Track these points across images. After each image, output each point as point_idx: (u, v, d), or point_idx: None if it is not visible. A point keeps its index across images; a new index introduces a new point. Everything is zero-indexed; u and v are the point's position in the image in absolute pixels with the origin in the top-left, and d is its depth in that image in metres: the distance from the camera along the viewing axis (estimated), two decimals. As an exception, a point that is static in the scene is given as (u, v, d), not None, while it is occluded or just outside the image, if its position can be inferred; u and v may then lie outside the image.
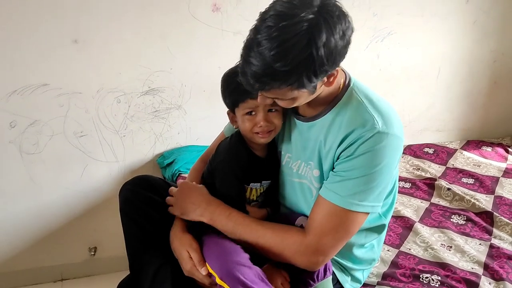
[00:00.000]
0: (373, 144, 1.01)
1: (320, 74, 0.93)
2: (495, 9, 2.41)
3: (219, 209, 1.15)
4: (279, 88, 0.94)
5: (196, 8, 1.93)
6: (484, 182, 2.10)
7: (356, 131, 1.03)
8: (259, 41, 0.91)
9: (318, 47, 0.89)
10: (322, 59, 0.90)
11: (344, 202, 1.04)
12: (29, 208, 2.00)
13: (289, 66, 0.89)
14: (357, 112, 1.05)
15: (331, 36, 0.90)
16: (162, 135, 2.07)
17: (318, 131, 1.12)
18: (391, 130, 1.03)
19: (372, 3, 2.19)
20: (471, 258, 1.54)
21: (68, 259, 2.13)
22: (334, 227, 1.06)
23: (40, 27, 1.76)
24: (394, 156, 1.05)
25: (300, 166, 1.19)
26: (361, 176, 1.03)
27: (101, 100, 1.92)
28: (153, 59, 1.95)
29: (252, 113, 1.14)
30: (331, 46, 0.90)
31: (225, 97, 1.19)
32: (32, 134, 1.88)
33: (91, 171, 2.02)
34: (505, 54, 2.53)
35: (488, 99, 2.62)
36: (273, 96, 1.00)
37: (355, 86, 1.10)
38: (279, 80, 0.92)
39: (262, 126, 1.13)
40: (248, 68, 0.94)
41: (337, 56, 0.94)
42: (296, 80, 0.92)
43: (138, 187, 1.26)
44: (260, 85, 0.95)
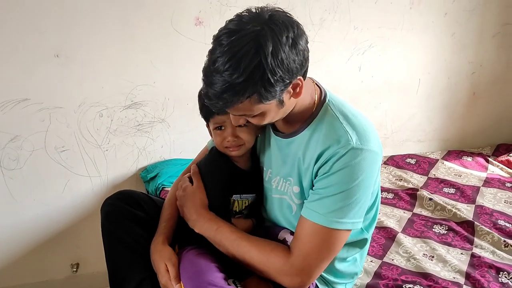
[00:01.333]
0: (348, 160, 1.02)
1: (277, 83, 0.93)
2: (472, 21, 2.47)
3: (208, 224, 1.15)
4: (241, 102, 0.95)
5: (179, 22, 1.94)
6: (465, 191, 2.13)
7: (331, 148, 1.04)
8: (214, 60, 0.93)
9: (266, 55, 0.90)
10: (273, 67, 0.91)
11: (324, 220, 1.04)
12: (9, 224, 1.96)
13: (242, 77, 0.91)
14: (331, 128, 1.06)
15: (277, 44, 0.91)
16: (145, 149, 2.07)
17: (297, 148, 1.13)
18: (366, 146, 1.04)
19: (352, 17, 2.23)
20: (453, 268, 1.55)
21: (50, 275, 2.10)
22: (316, 246, 1.06)
23: (22, 42, 1.75)
24: (370, 171, 1.06)
25: (279, 183, 1.20)
26: (339, 193, 1.03)
27: (83, 115, 1.91)
28: (136, 73, 1.95)
29: (222, 127, 1.16)
30: (279, 54, 0.91)
31: (200, 111, 1.22)
32: (13, 149, 1.85)
33: (73, 186, 2.00)
34: (483, 66, 2.59)
35: (467, 110, 2.67)
36: (241, 113, 1.01)
37: (331, 102, 1.11)
38: (238, 94, 0.93)
39: (230, 141, 1.15)
40: (209, 88, 0.95)
41: (290, 63, 0.94)
42: (254, 92, 0.93)
43: (120, 202, 1.25)
44: (223, 103, 0.95)
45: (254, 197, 1.26)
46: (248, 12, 0.97)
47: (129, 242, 1.19)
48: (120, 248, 1.20)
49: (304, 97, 1.07)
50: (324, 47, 2.22)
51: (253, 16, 0.95)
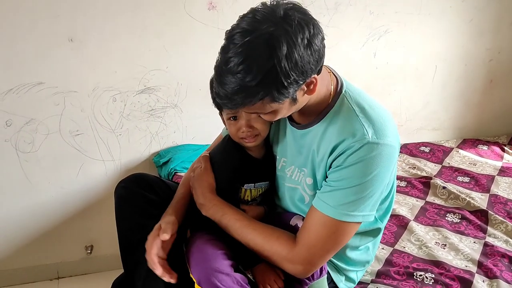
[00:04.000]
0: (362, 154, 1.00)
1: (290, 85, 0.92)
2: (491, 7, 2.41)
3: (214, 209, 1.16)
4: (253, 104, 0.94)
5: (192, 7, 1.93)
6: (479, 180, 2.11)
7: (346, 141, 1.02)
8: (227, 60, 0.92)
9: (280, 59, 0.88)
10: (287, 71, 0.89)
11: (334, 212, 1.03)
12: (25, 206, 2.00)
13: (255, 80, 0.89)
14: (347, 121, 1.05)
15: (292, 47, 0.89)
16: (158, 134, 2.08)
17: (311, 140, 1.12)
18: (382, 140, 1.02)
19: (368, 1, 2.19)
20: (465, 256, 1.54)
21: (65, 257, 2.14)
22: (323, 237, 1.06)
23: (36, 26, 1.76)
24: (386, 165, 1.04)
25: (293, 172, 1.19)
26: (351, 187, 1.02)
27: (97, 99, 1.92)
28: (149, 58, 1.95)
29: (236, 117, 1.14)
30: (294, 57, 0.90)
31: (212, 101, 1.19)
32: (28, 133, 1.88)
33: (87, 170, 2.02)
34: (501, 53, 2.54)
35: (484, 98, 2.62)
36: (252, 111, 1.01)
37: (347, 93, 1.09)
38: (250, 96, 0.92)
39: (244, 131, 1.13)
40: (220, 89, 0.94)
41: (305, 65, 0.92)
42: (267, 94, 0.92)
43: (133, 185, 1.26)
44: (234, 104, 0.95)
45: (268, 184, 1.26)
46: (263, 7, 0.94)
47: (142, 224, 1.21)
48: (133, 231, 1.22)
49: (319, 89, 1.05)
50: (339, 32, 2.19)
51: (267, 12, 0.92)
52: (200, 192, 1.19)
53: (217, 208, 1.15)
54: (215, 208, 1.16)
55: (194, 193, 1.21)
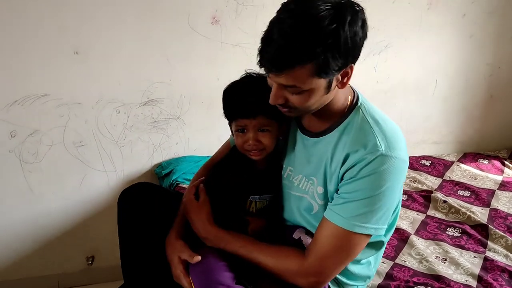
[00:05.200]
0: (375, 166, 1.01)
1: (341, 57, 0.93)
2: (491, 23, 2.44)
3: (217, 240, 1.15)
4: (301, 66, 0.92)
5: (196, 21, 1.96)
6: (480, 194, 2.11)
7: (359, 152, 1.03)
8: (283, 19, 0.92)
9: (345, 24, 0.90)
10: (347, 39, 0.90)
11: (347, 224, 1.03)
12: (27, 216, 2.01)
13: (315, 37, 0.89)
14: (361, 132, 1.06)
15: (355, 18, 0.92)
16: (160, 146, 2.09)
17: (324, 148, 1.12)
18: (394, 153, 1.03)
19: (369, 16, 2.20)
20: (466, 271, 1.55)
21: (66, 268, 2.14)
22: (336, 249, 1.06)
23: (41, 38, 1.79)
24: (397, 179, 1.04)
25: (301, 181, 1.19)
26: (364, 198, 1.02)
27: (100, 111, 1.94)
28: (153, 71, 1.97)
29: (244, 130, 1.15)
30: (355, 28, 0.92)
31: (223, 111, 1.21)
32: (32, 143, 1.89)
33: (90, 180, 2.04)
34: (501, 68, 2.56)
35: (484, 112, 2.64)
36: (291, 83, 0.96)
37: (362, 106, 1.10)
38: (303, 55, 0.91)
39: (251, 145, 1.14)
40: (270, 47, 0.93)
41: (357, 44, 0.95)
42: (323, 54, 0.91)
43: (137, 195, 1.26)
44: (282, 64, 0.93)
45: (271, 197, 1.26)
46: None
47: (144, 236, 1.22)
48: (135, 241, 1.23)
49: (340, 96, 1.07)
50: (340, 47, 2.21)
51: None
52: (201, 226, 1.18)
53: (219, 240, 1.15)
54: (218, 240, 1.15)
55: (192, 225, 1.20)
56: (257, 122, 1.12)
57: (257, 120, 1.12)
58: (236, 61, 2.05)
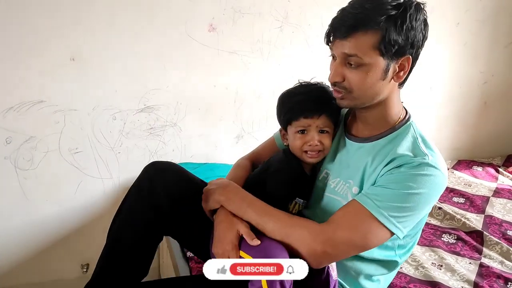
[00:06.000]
0: (419, 170, 1.03)
1: (401, 37, 1.00)
2: (485, 31, 2.47)
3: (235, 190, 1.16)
4: (366, 31, 1.00)
5: (193, 28, 1.97)
6: (474, 201, 2.13)
7: (406, 156, 1.06)
8: None
9: (411, 5, 1.00)
10: (411, 17, 1.00)
11: (374, 208, 1.02)
12: (22, 223, 1.99)
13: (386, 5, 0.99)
14: (410, 145, 1.09)
15: (419, 9, 1.02)
16: (156, 152, 2.09)
17: (366, 153, 1.14)
18: (438, 166, 1.05)
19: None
20: (461, 277, 1.55)
21: (61, 275, 2.13)
22: (354, 226, 1.03)
23: (38, 45, 1.79)
24: (435, 191, 1.05)
25: (338, 184, 1.19)
26: (398, 191, 1.02)
27: (96, 117, 1.94)
28: (149, 77, 1.98)
29: (304, 131, 1.18)
30: (418, 15, 1.01)
31: (280, 115, 1.23)
32: (28, 150, 1.89)
33: (85, 187, 2.03)
34: (495, 76, 2.59)
35: (478, 120, 2.66)
36: (355, 51, 1.02)
37: (414, 124, 1.14)
38: (373, 19, 0.99)
39: (312, 145, 1.16)
40: (341, 14, 1.03)
41: (418, 29, 1.02)
42: (386, 24, 0.99)
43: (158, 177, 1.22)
44: (349, 28, 1.00)
45: (306, 203, 1.26)
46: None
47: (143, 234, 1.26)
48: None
49: (394, 104, 1.12)
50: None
51: None
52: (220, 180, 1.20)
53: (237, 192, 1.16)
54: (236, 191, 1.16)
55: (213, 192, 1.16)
56: (320, 121, 1.16)
57: (320, 120, 1.16)
58: (233, 68, 2.06)
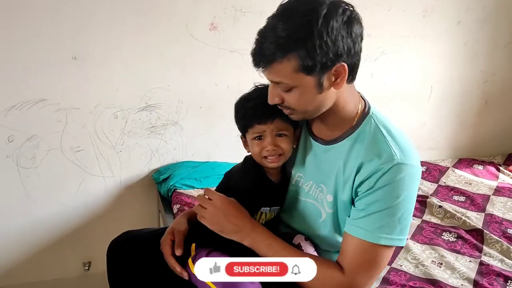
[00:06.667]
0: (392, 176, 1.00)
1: (320, 51, 0.93)
2: (485, 30, 2.47)
3: (261, 237, 1.11)
4: (281, 60, 0.95)
5: (194, 27, 1.97)
6: (475, 200, 2.13)
7: (374, 162, 1.02)
8: (272, 15, 0.98)
9: (318, 17, 0.91)
10: (321, 31, 0.91)
11: (371, 236, 1.02)
12: (24, 222, 2.01)
13: (288, 31, 0.93)
14: (374, 141, 1.05)
15: (332, 13, 0.93)
16: (158, 151, 2.10)
17: (335, 157, 1.11)
18: (409, 161, 1.02)
19: (365, 23, 2.22)
20: (461, 275, 1.56)
21: (62, 273, 2.14)
22: (365, 263, 1.04)
23: (40, 43, 1.79)
24: (414, 186, 1.04)
25: (311, 187, 1.18)
26: (384, 209, 1.01)
27: (98, 116, 1.95)
28: (151, 76, 1.98)
29: (261, 137, 1.15)
30: (331, 22, 0.92)
31: (236, 122, 1.21)
32: (29, 148, 1.90)
33: (87, 186, 2.04)
34: (496, 75, 2.59)
35: (479, 118, 2.67)
36: (278, 79, 1.00)
37: (374, 115, 1.10)
38: (280, 49, 0.94)
39: (269, 150, 1.14)
40: (258, 46, 0.99)
41: (338, 38, 0.93)
42: (296, 50, 0.93)
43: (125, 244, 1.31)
44: (265, 58, 0.97)
45: (279, 210, 1.25)
46: None
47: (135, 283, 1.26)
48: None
49: (347, 101, 1.07)
50: (337, 53, 2.24)
51: None
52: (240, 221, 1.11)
53: (265, 236, 1.11)
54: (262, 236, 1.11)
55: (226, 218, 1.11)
56: (274, 126, 1.13)
57: (274, 124, 1.13)
58: (234, 67, 2.06)
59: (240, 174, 1.22)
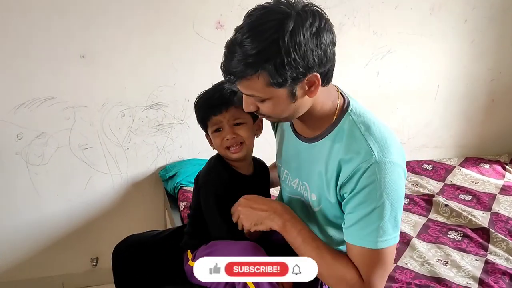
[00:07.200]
0: (371, 174, 0.99)
1: (289, 67, 0.92)
2: (492, 28, 2.46)
3: (293, 221, 1.10)
4: (250, 76, 0.94)
5: (200, 26, 1.98)
6: (481, 199, 2.13)
7: (353, 161, 1.01)
8: (237, 31, 0.95)
9: (285, 34, 0.90)
10: (289, 47, 0.90)
11: (368, 242, 1.02)
12: (32, 218, 2.03)
13: (256, 49, 0.91)
14: (352, 139, 1.04)
15: (299, 27, 0.91)
16: (164, 149, 2.12)
17: (317, 156, 1.11)
18: (388, 157, 1.00)
19: (372, 22, 2.24)
20: (467, 274, 1.56)
21: (70, 269, 2.16)
22: (374, 266, 1.04)
23: (48, 42, 1.81)
24: (398, 183, 1.02)
25: (298, 184, 1.19)
26: (372, 211, 1.00)
27: (106, 114, 1.97)
28: (158, 75, 2.00)
29: (220, 129, 1.18)
30: (298, 37, 0.90)
31: (197, 119, 1.24)
32: (38, 146, 1.92)
33: (95, 183, 2.06)
34: (503, 73, 2.58)
35: (485, 117, 2.66)
36: (250, 92, 0.99)
37: (353, 112, 1.08)
38: (249, 67, 0.93)
39: (229, 139, 1.16)
40: (226, 61, 0.97)
41: (308, 51, 0.92)
42: (264, 68, 0.92)
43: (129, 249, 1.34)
44: (235, 75, 0.96)
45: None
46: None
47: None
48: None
49: (324, 102, 1.06)
50: (343, 51, 2.22)
51: (289, 1, 0.95)
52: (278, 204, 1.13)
53: (296, 220, 1.11)
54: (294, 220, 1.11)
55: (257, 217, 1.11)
56: (229, 115, 1.15)
57: (229, 113, 1.15)
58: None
59: (206, 173, 1.23)
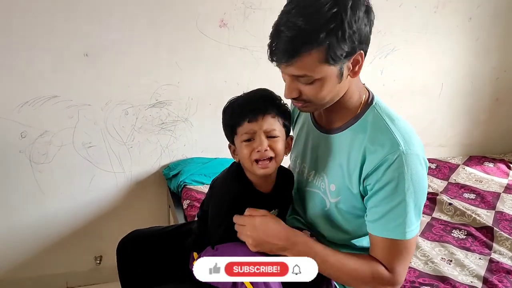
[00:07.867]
0: (399, 167, 1.00)
1: (348, 40, 0.94)
2: (497, 27, 2.45)
3: (306, 250, 1.06)
4: (309, 53, 0.94)
5: (204, 24, 1.98)
6: (485, 197, 2.12)
7: (379, 153, 1.02)
8: (288, 11, 0.95)
9: (346, 8, 0.92)
10: (351, 20, 0.93)
11: (398, 234, 1.03)
12: (36, 216, 2.04)
13: (315, 24, 0.92)
14: (378, 131, 1.05)
15: (356, 3, 0.94)
16: (168, 147, 2.12)
17: (338, 148, 1.11)
18: (413, 150, 1.02)
19: (376, 20, 2.22)
20: (471, 272, 1.56)
21: (74, 267, 2.17)
22: (398, 258, 1.06)
23: (53, 41, 1.82)
24: (422, 174, 1.04)
25: (315, 177, 1.19)
26: (399, 203, 1.02)
27: (109, 112, 1.97)
28: (161, 73, 2.00)
29: (251, 139, 1.07)
30: (357, 12, 0.94)
31: (224, 127, 1.14)
32: (42, 144, 1.92)
33: (98, 181, 2.06)
34: (507, 71, 2.57)
35: (490, 115, 2.65)
36: (302, 72, 0.98)
37: (377, 105, 1.10)
38: (308, 42, 0.93)
39: (260, 151, 1.05)
40: (278, 38, 0.96)
41: (362, 26, 0.95)
42: (326, 41, 0.93)
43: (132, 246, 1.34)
44: (290, 53, 0.95)
45: (277, 211, 1.20)
46: None
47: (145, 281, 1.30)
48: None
49: (354, 92, 1.08)
50: (346, 50, 2.23)
51: None
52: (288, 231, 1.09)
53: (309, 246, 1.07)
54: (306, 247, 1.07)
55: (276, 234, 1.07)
56: (266, 124, 1.06)
57: (265, 122, 1.06)
58: (244, 63, 2.07)
59: (222, 183, 1.17)
